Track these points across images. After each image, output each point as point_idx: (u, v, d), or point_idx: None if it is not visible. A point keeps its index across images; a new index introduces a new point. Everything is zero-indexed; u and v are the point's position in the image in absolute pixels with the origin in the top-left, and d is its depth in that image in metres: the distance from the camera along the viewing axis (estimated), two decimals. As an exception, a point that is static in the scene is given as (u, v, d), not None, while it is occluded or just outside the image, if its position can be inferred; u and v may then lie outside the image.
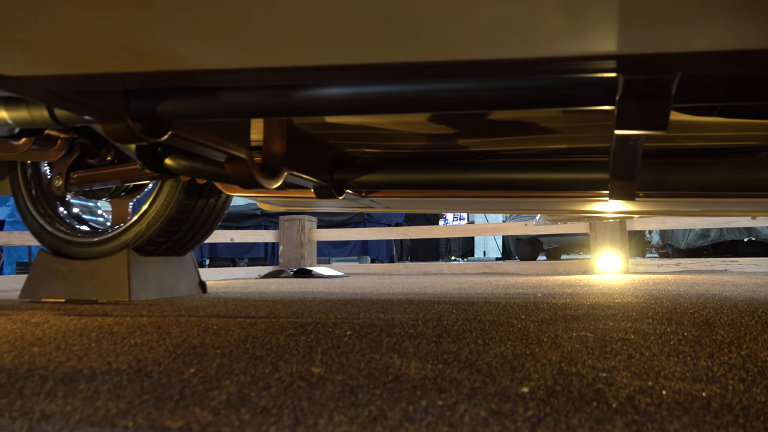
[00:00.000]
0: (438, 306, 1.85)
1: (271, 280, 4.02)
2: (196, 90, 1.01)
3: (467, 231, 5.74)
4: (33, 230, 2.61)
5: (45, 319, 1.65)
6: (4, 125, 1.22)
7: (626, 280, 3.30)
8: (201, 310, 1.85)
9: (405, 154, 1.78)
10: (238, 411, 0.65)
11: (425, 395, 0.71)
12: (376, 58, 0.69)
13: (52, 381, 0.83)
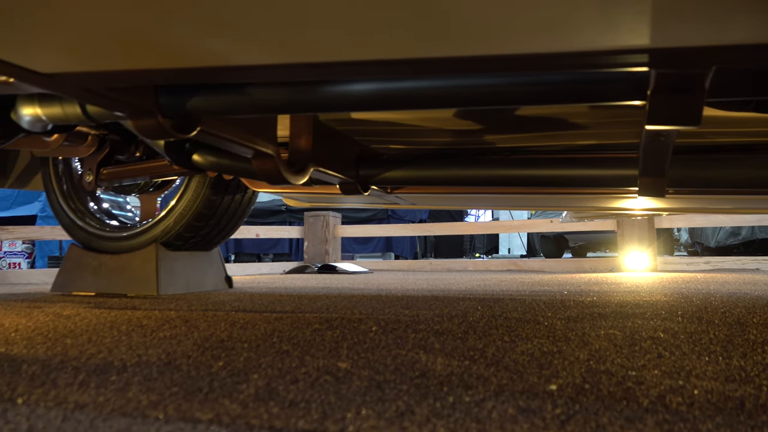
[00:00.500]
0: (463, 303, 1.84)
1: (295, 276, 4.05)
2: (225, 86, 1.02)
3: (492, 228, 5.71)
4: (64, 225, 2.66)
5: (76, 312, 1.68)
6: (38, 122, 1.25)
7: (654, 279, 3.25)
8: (228, 304, 1.87)
9: (431, 150, 1.78)
10: (266, 404, 0.66)
11: (452, 391, 0.71)
12: (404, 54, 0.69)
13: (84, 372, 0.85)
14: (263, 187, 2.21)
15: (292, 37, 0.73)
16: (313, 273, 4.39)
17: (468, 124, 1.51)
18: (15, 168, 2.78)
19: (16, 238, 4.23)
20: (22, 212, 7.85)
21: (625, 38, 0.64)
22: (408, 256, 9.04)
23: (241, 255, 9.32)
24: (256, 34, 0.73)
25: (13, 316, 1.61)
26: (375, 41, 0.69)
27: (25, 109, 1.23)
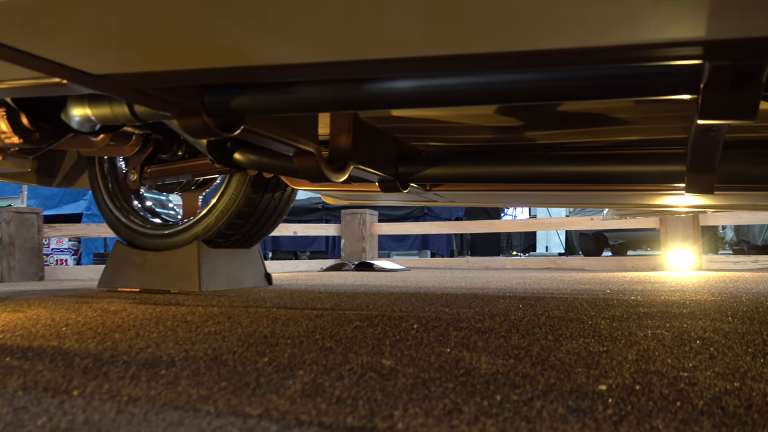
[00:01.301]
0: (503, 301, 1.83)
1: (333, 273, 4.07)
2: (269, 85, 1.03)
3: (530, 225, 5.64)
4: (110, 222, 2.73)
5: (123, 308, 1.73)
6: (88, 122, 1.28)
7: (700, 277, 3.17)
8: (268, 301, 1.89)
9: (470, 147, 1.76)
10: (313, 400, 0.66)
11: (499, 390, 0.70)
12: (450, 50, 0.68)
13: (134, 366, 0.87)
14: (303, 185, 2.23)
15: (337, 35, 0.73)
16: (350, 270, 4.41)
17: (508, 120, 1.50)
18: (62, 168, 2.86)
19: (63, 235, 4.36)
20: (68, 210, 8.09)
21: (678, 30, 0.62)
22: (444, 254, 9.01)
23: (278, 252, 9.43)
24: (302, 33, 0.73)
25: (63, 311, 1.66)
26: (420, 38, 0.69)
27: (75, 110, 1.26)
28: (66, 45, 0.77)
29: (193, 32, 0.75)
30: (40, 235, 3.88)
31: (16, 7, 0.65)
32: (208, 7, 0.68)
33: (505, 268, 4.78)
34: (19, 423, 0.60)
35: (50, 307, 1.76)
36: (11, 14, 0.67)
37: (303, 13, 0.67)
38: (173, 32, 0.75)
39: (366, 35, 0.71)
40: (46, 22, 0.69)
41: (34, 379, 0.79)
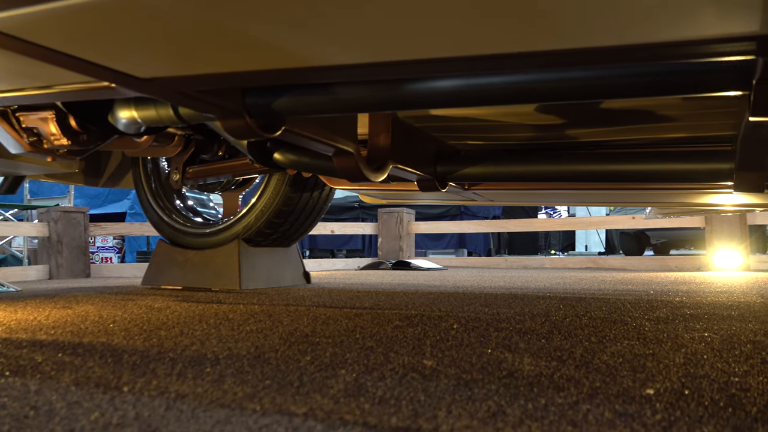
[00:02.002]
0: (543, 301, 1.80)
1: (370, 272, 4.08)
2: (310, 86, 1.04)
3: (569, 224, 5.56)
4: (153, 222, 2.80)
5: (166, 305, 1.76)
6: (134, 124, 1.31)
7: (748, 278, 3.07)
8: (308, 299, 1.91)
9: (510, 146, 1.75)
10: (357, 400, 0.67)
11: (543, 393, 0.69)
12: (494, 49, 0.68)
13: (180, 363, 0.89)
14: (341, 184, 2.24)
15: (378, 36, 0.73)
16: (387, 269, 4.41)
17: (550, 118, 1.48)
18: (107, 168, 2.94)
19: (108, 233, 4.48)
20: (112, 209, 8.31)
21: (731, 26, 0.60)
22: (481, 253, 8.95)
23: (315, 251, 9.50)
24: (343, 35, 0.74)
25: (110, 308, 1.71)
26: (463, 37, 0.69)
27: (122, 112, 1.29)
28: (115, 50, 0.79)
29: (236, 36, 0.76)
30: (87, 234, 3.99)
31: (68, 15, 0.67)
32: (251, 12, 0.69)
33: (544, 267, 4.72)
34: (73, 417, 0.62)
35: (97, 304, 1.81)
36: (63, 22, 0.69)
37: (345, 15, 0.67)
38: (217, 36, 0.76)
39: (408, 36, 0.71)
40: (96, 29, 0.71)
41: (86, 375, 0.81)
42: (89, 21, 0.68)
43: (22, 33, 0.71)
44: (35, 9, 0.64)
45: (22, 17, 0.66)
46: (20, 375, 0.82)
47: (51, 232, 3.85)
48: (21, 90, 1.01)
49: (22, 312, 1.61)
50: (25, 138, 1.63)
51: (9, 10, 0.64)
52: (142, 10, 0.65)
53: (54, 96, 1.03)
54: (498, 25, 0.62)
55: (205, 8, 0.67)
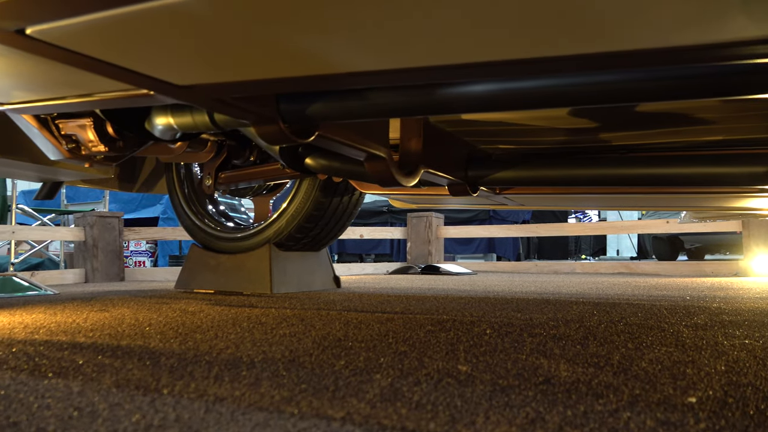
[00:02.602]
0: (577, 307, 1.78)
1: (400, 276, 4.08)
2: (343, 92, 1.04)
3: (601, 229, 5.48)
4: (186, 226, 2.84)
5: (200, 308, 1.79)
6: (170, 130, 1.34)
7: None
8: (338, 304, 1.92)
9: (542, 150, 1.73)
10: (393, 404, 0.67)
11: (581, 399, 0.68)
12: (531, 53, 0.67)
13: (217, 366, 0.90)
14: (372, 188, 2.25)
15: (413, 42, 0.73)
16: (416, 274, 4.40)
17: (583, 122, 1.46)
18: (141, 174, 3.00)
19: (141, 238, 4.56)
20: (145, 214, 8.47)
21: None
22: (511, 258, 8.88)
23: (344, 255, 9.54)
24: (378, 40, 0.74)
25: (145, 311, 1.74)
26: (499, 42, 0.68)
27: (158, 119, 1.32)
28: (154, 59, 0.81)
29: (273, 44, 0.76)
30: (121, 238, 4.07)
31: (111, 25, 0.68)
32: (288, 21, 0.70)
33: (575, 272, 4.66)
34: (116, 419, 0.63)
35: (133, 307, 1.84)
36: (106, 31, 0.71)
37: (380, 21, 0.68)
38: (254, 44, 0.77)
39: (442, 41, 0.71)
40: (137, 38, 0.72)
41: (126, 377, 0.83)
42: (131, 30, 0.70)
43: (66, 43, 0.73)
44: (80, 20, 0.65)
45: (67, 28, 0.68)
46: (63, 376, 0.84)
47: (87, 236, 3.93)
48: (63, 98, 1.03)
49: (61, 315, 1.64)
50: (64, 145, 1.67)
51: (55, 21, 0.66)
52: (181, 19, 0.67)
53: (94, 104, 1.05)
54: (536, 30, 0.62)
55: (243, 18, 0.68)
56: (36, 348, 1.09)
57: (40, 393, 0.74)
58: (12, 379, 0.82)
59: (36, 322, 1.48)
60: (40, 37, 0.71)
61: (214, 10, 0.64)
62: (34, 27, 0.68)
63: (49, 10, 0.64)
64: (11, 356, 1.00)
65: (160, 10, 0.63)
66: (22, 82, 0.95)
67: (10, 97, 1.06)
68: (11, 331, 1.31)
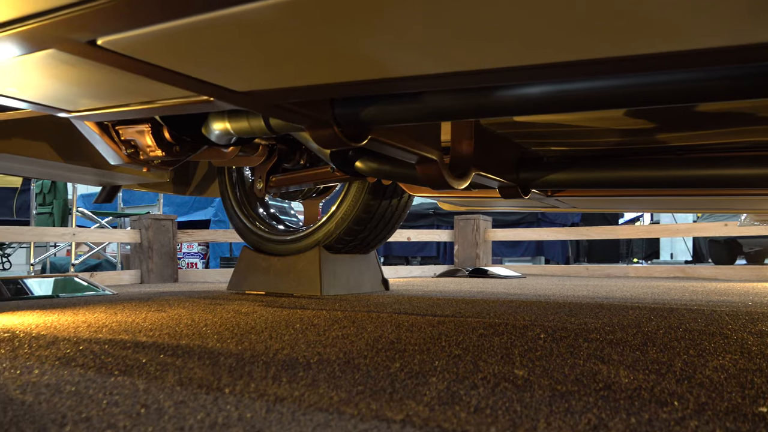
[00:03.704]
0: (632, 312, 1.74)
1: (447, 279, 4.06)
2: (396, 96, 1.05)
3: (655, 231, 5.33)
4: (238, 229, 2.89)
5: (253, 310, 1.82)
6: (226, 135, 1.37)
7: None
8: (388, 306, 1.92)
9: (596, 151, 1.70)
10: (452, 408, 0.67)
11: (645, 407, 0.67)
12: (591, 54, 0.66)
13: (274, 367, 0.92)
14: (421, 191, 2.25)
15: (469, 45, 0.73)
16: (464, 277, 4.38)
17: (639, 122, 1.43)
18: (195, 177, 3.07)
19: (193, 240, 4.67)
20: (197, 217, 8.67)
21: None
22: (560, 261, 8.73)
23: (390, 257, 9.55)
24: (434, 45, 0.74)
25: (200, 311, 1.78)
26: (558, 44, 0.68)
27: (215, 124, 1.35)
28: (215, 66, 0.83)
29: (329, 50, 0.78)
30: (175, 240, 4.18)
31: (175, 34, 0.71)
32: (348, 26, 0.70)
33: (628, 276, 4.55)
34: (181, 416, 0.65)
35: (188, 308, 1.89)
36: (170, 40, 0.73)
37: (437, 25, 0.68)
38: (311, 51, 0.78)
39: (499, 45, 0.71)
40: (200, 46, 0.74)
41: (188, 376, 0.85)
42: (194, 39, 0.72)
43: (134, 52, 0.76)
44: (148, 30, 0.68)
45: (135, 38, 0.71)
46: (128, 374, 0.87)
47: (142, 238, 4.06)
48: (126, 105, 1.07)
49: (121, 314, 1.70)
50: (123, 150, 1.73)
51: (125, 31, 0.69)
52: (244, 28, 0.68)
53: (156, 110, 1.09)
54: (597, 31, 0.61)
55: (304, 26, 0.69)
56: (101, 346, 1.13)
57: (108, 390, 0.77)
58: (81, 376, 0.86)
59: (98, 321, 1.54)
60: (110, 47, 0.74)
61: (276, 18, 0.66)
62: (105, 38, 0.71)
63: (120, 21, 0.66)
64: (79, 354, 1.05)
65: (224, 19, 0.65)
66: (89, 90, 0.99)
67: (77, 105, 1.10)
68: (76, 330, 1.37)
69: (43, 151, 2.14)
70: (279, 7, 0.62)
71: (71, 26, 0.69)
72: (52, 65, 0.85)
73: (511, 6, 0.62)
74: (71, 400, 0.72)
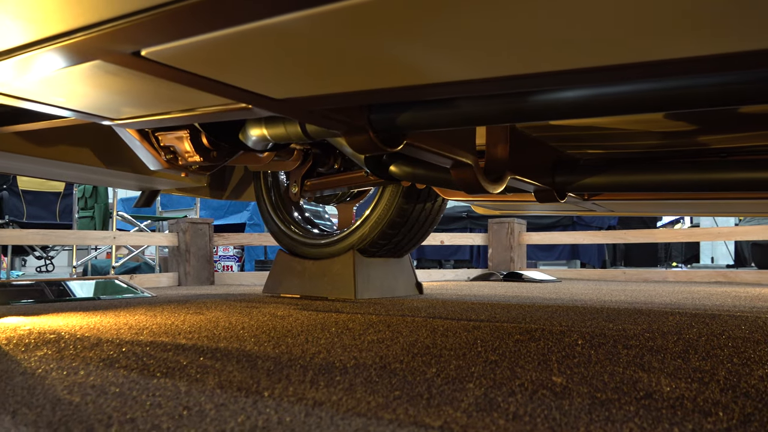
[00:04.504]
0: (672, 318, 1.70)
1: (482, 283, 4.04)
2: (432, 101, 1.05)
3: (695, 235, 5.20)
4: (273, 232, 2.93)
5: (288, 313, 1.84)
6: (263, 141, 1.39)
7: None
8: (422, 311, 1.92)
9: (633, 154, 1.67)
10: (490, 415, 0.66)
11: (688, 417, 0.66)
12: (630, 58, 0.66)
13: (311, 371, 0.92)
14: (456, 195, 2.24)
15: (505, 51, 0.73)
16: (498, 280, 4.35)
17: (679, 124, 1.40)
18: (231, 182, 3.12)
19: (229, 243, 4.74)
20: (233, 220, 8.81)
21: None
22: (596, 264, 8.59)
23: (423, 261, 9.54)
24: (473, 51, 0.74)
25: (237, 314, 1.81)
26: (598, 48, 0.67)
27: (253, 131, 1.37)
28: (254, 74, 0.85)
29: (368, 57, 0.78)
30: (211, 244, 4.25)
31: (215, 44, 0.72)
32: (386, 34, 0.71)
33: (667, 280, 4.45)
34: (222, 419, 0.66)
35: (225, 311, 1.92)
36: (211, 51, 0.75)
37: (475, 32, 0.68)
38: (349, 58, 0.79)
39: (537, 49, 0.71)
40: (240, 56, 0.76)
41: (228, 379, 0.86)
42: (235, 49, 0.73)
43: (176, 62, 0.78)
44: (190, 40, 0.69)
45: (178, 48, 0.72)
46: (170, 376, 0.89)
47: (180, 241, 4.13)
48: (167, 113, 1.10)
49: (160, 317, 1.74)
50: (162, 155, 1.77)
51: (168, 42, 0.70)
52: (283, 37, 0.69)
53: (195, 118, 1.11)
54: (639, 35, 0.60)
55: (342, 34, 0.70)
56: (143, 348, 1.15)
57: (151, 391, 0.79)
58: (125, 378, 0.88)
59: (139, 323, 1.58)
60: (153, 57, 0.76)
61: (315, 28, 0.67)
62: (149, 48, 0.73)
63: (163, 33, 0.68)
64: (122, 356, 1.07)
65: (264, 30, 0.66)
66: (133, 99, 1.02)
67: (120, 113, 1.14)
68: (118, 332, 1.40)
69: (86, 157, 2.20)
70: (317, 17, 0.63)
71: (116, 38, 0.71)
72: (98, 75, 0.87)
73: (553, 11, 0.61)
74: (116, 401, 0.74)
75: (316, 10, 0.62)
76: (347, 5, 0.61)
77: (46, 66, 0.84)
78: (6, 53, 0.82)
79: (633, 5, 0.57)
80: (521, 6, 0.59)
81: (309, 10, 0.62)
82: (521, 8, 0.60)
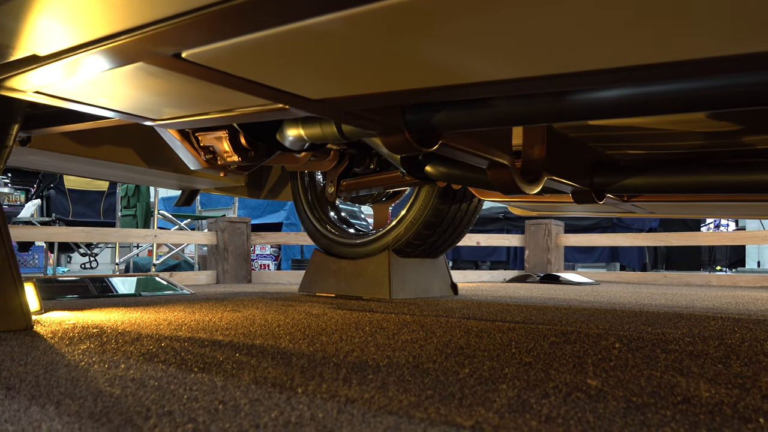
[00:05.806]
0: (714, 322, 1.66)
1: (518, 285, 4.00)
2: (468, 101, 1.05)
3: (740, 238, 5.05)
4: (309, 232, 2.96)
5: (323, 312, 1.86)
6: (299, 141, 1.41)
7: None
8: (457, 311, 1.92)
9: (675, 155, 1.64)
10: (522, 416, 0.66)
11: (727, 423, 0.64)
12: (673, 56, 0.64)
13: (344, 369, 0.93)
14: (492, 196, 2.23)
15: (542, 51, 0.72)
16: (534, 282, 4.30)
17: (722, 124, 1.36)
18: (268, 182, 3.16)
19: (266, 242, 4.81)
20: (270, 220, 8.92)
21: None
22: (636, 267, 8.41)
23: (459, 262, 9.49)
24: (508, 51, 0.74)
25: (273, 312, 1.83)
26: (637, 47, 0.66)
27: (290, 131, 1.39)
28: (291, 75, 0.86)
29: (404, 57, 0.78)
30: (249, 242, 4.31)
31: (255, 46, 0.74)
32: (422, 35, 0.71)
33: (710, 285, 4.34)
34: (257, 414, 0.67)
35: (262, 308, 1.95)
36: (250, 52, 0.76)
37: (511, 32, 0.68)
38: (386, 58, 0.79)
39: (575, 49, 0.70)
40: (278, 57, 0.77)
41: (263, 375, 0.88)
42: (273, 50, 0.74)
43: (216, 64, 0.80)
44: (230, 42, 0.71)
45: (218, 50, 0.74)
46: (206, 371, 0.91)
47: (218, 240, 4.21)
48: (207, 114, 1.12)
49: (198, 313, 1.77)
50: (202, 155, 1.81)
51: (208, 44, 0.72)
52: (320, 39, 0.70)
53: (234, 118, 1.13)
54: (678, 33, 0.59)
55: (378, 35, 0.71)
56: (181, 344, 1.18)
57: (188, 386, 0.81)
58: (163, 372, 0.90)
59: (178, 319, 1.61)
60: (194, 59, 0.77)
61: (351, 29, 0.67)
62: (190, 51, 0.75)
63: (203, 35, 0.70)
64: (161, 350, 1.10)
65: (302, 31, 0.67)
66: (173, 100, 1.05)
67: (161, 114, 1.16)
68: (158, 327, 1.43)
69: (129, 157, 2.26)
70: (354, 18, 0.64)
71: (158, 41, 0.73)
72: (140, 77, 0.90)
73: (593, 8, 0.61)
74: (155, 394, 0.76)
75: (354, 10, 0.62)
76: (385, 5, 0.61)
77: (91, 68, 0.87)
78: (54, 56, 0.85)
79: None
80: (561, 5, 0.59)
81: (347, 11, 0.63)
82: (561, 7, 0.60)
